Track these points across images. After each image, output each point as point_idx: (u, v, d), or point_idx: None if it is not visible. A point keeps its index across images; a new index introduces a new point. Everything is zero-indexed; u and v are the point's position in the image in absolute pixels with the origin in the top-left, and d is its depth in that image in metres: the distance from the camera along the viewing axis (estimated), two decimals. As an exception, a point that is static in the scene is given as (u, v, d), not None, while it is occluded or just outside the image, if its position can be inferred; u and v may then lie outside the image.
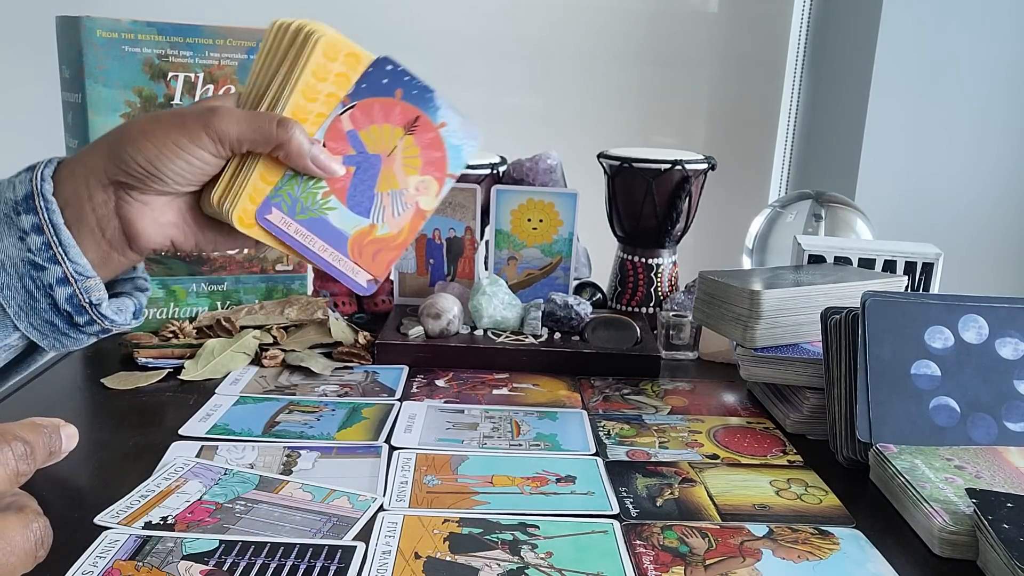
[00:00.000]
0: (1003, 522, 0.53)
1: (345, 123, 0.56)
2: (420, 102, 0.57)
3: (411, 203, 0.58)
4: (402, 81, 0.56)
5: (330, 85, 0.55)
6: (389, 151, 0.56)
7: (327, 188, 0.56)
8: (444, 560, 0.53)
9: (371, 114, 0.56)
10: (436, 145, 0.57)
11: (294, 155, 0.54)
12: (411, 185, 0.57)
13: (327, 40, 0.55)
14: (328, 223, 0.56)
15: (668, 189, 1.01)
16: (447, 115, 0.57)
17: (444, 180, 0.58)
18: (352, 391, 0.80)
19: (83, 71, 0.83)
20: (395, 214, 0.57)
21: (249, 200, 0.55)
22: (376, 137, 0.56)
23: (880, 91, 1.47)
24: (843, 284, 0.81)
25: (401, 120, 0.56)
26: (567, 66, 1.65)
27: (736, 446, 0.72)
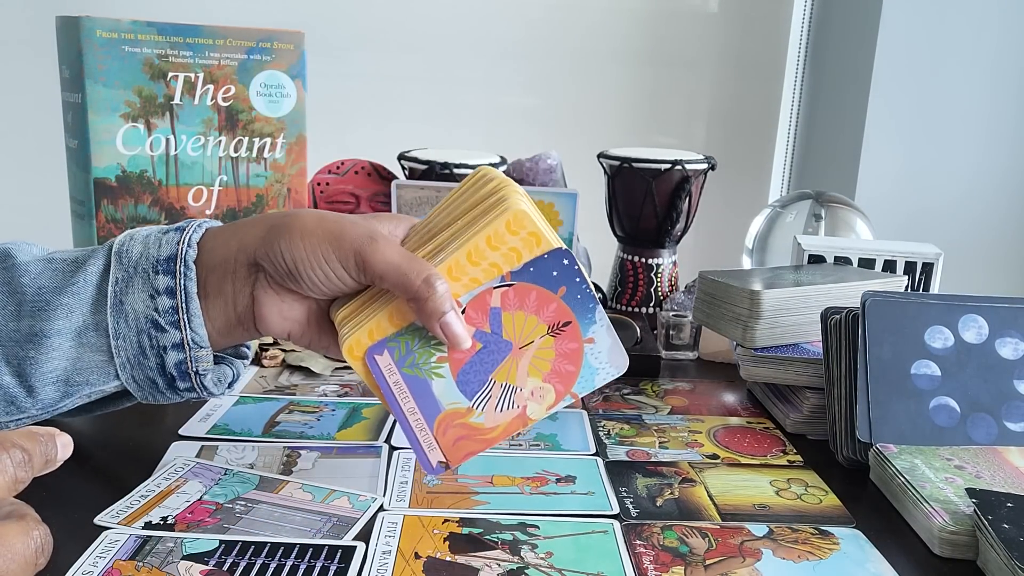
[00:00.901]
0: (1003, 522, 0.53)
1: (495, 299, 0.52)
2: (578, 308, 0.52)
3: (520, 404, 0.54)
4: (571, 281, 0.52)
5: (498, 256, 0.52)
6: (524, 343, 0.53)
7: (445, 354, 0.53)
8: (444, 560, 0.53)
9: (524, 300, 0.52)
10: (574, 359, 0.53)
11: (426, 313, 0.51)
12: (528, 386, 0.53)
13: (515, 213, 0.51)
14: (429, 388, 0.54)
15: (668, 189, 1.01)
16: (599, 333, 0.53)
17: (564, 396, 0.54)
18: (352, 391, 0.80)
19: (83, 71, 0.83)
20: (498, 408, 0.54)
21: (367, 334, 0.53)
22: (518, 324, 0.53)
23: (880, 91, 1.47)
24: (843, 284, 0.81)
25: (551, 318, 0.53)
26: (567, 66, 1.65)
27: (736, 446, 0.72)
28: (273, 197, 0.95)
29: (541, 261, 0.52)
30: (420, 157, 1.02)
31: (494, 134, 1.61)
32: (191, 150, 0.89)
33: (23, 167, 1.46)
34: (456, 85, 1.64)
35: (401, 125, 1.60)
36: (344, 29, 1.55)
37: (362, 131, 1.57)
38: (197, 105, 0.88)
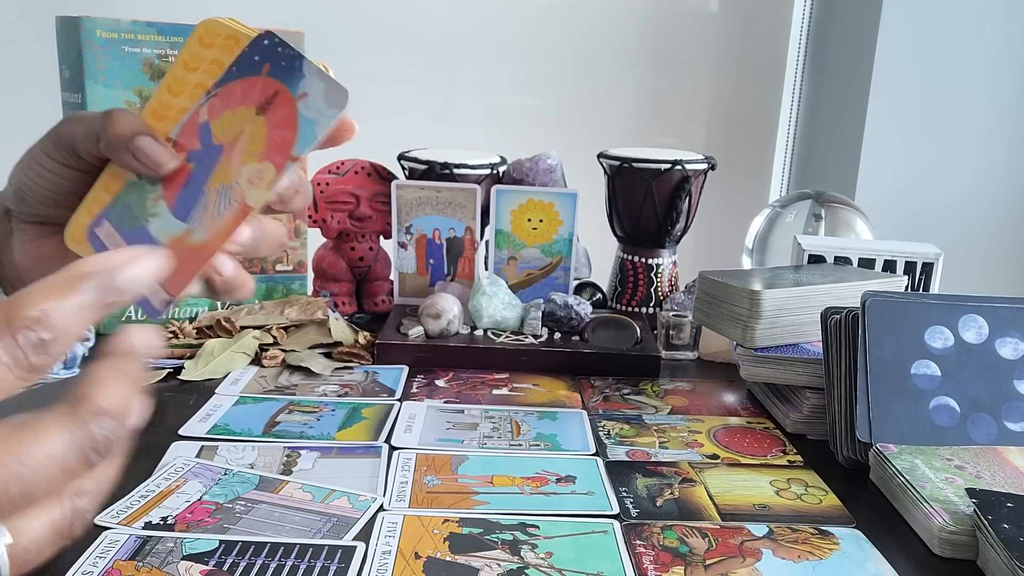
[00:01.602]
0: (1003, 522, 0.53)
1: (202, 115, 0.47)
2: (284, 74, 0.46)
3: (238, 199, 0.47)
4: (273, 54, 0.46)
5: (200, 75, 0.47)
6: (234, 138, 0.47)
7: (160, 193, 0.48)
8: (444, 560, 0.53)
9: (230, 99, 0.47)
10: (288, 123, 0.47)
11: (112, 146, 0.46)
12: (244, 176, 0.47)
13: (205, 26, 0.47)
14: (147, 232, 0.47)
15: (668, 189, 1.01)
16: (311, 84, 0.46)
17: (284, 165, 0.46)
18: (352, 391, 0.80)
19: (83, 71, 0.83)
20: (216, 215, 0.47)
21: (86, 213, 0.48)
22: (228, 125, 0.47)
23: (880, 91, 1.47)
24: (843, 284, 0.81)
25: (258, 99, 0.47)
26: (567, 66, 1.65)
27: (736, 446, 0.72)
28: (273, 197, 0.94)
29: (243, 56, 0.47)
30: (420, 157, 1.02)
31: (494, 134, 1.61)
32: (191, 150, 0.88)
33: (23, 167, 1.46)
34: (456, 85, 1.64)
35: (401, 125, 1.60)
36: (344, 29, 1.55)
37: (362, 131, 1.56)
38: (197, 105, 0.88)
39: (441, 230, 1.00)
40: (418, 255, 1.01)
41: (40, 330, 0.31)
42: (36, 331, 0.31)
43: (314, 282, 1.03)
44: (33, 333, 0.31)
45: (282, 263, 0.98)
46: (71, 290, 0.33)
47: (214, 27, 0.47)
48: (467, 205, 0.99)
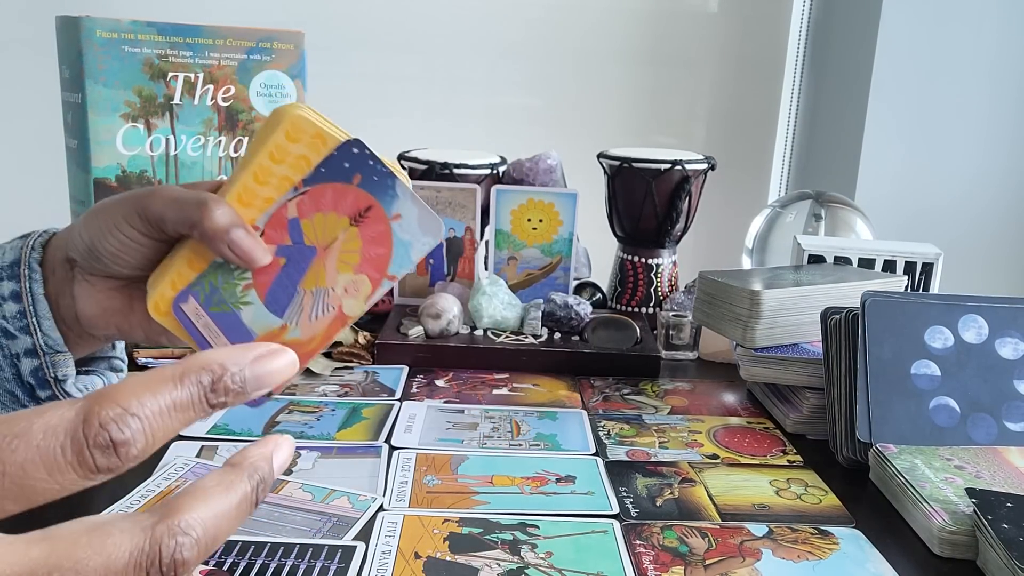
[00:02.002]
0: (1003, 522, 0.53)
1: (291, 210, 0.48)
2: (376, 190, 0.48)
3: (334, 305, 0.49)
4: (364, 165, 0.48)
5: (286, 168, 0.48)
6: (328, 244, 0.49)
7: (249, 280, 0.49)
8: (444, 560, 0.53)
9: (320, 202, 0.48)
10: (383, 240, 0.49)
11: (208, 236, 0.47)
12: (340, 284, 0.49)
13: (293, 119, 0.48)
14: (239, 320, 0.49)
15: (668, 189, 1.01)
16: (404, 206, 0.48)
17: (380, 282, 0.49)
18: (352, 391, 0.80)
19: (83, 71, 0.83)
20: (312, 317, 0.49)
21: (170, 286, 0.49)
22: (319, 227, 0.49)
23: (880, 91, 1.47)
24: (843, 284, 0.81)
25: (351, 209, 0.48)
26: (567, 66, 1.65)
27: (736, 446, 0.72)
28: (273, 197, 0.95)
29: (331, 159, 0.48)
30: (420, 157, 1.02)
31: (494, 134, 1.61)
32: (191, 150, 0.89)
33: (23, 167, 1.46)
34: (456, 85, 1.64)
35: (401, 125, 1.60)
36: (344, 29, 1.55)
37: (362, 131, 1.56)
38: (197, 105, 0.88)
39: (441, 230, 1.00)
40: (418, 255, 1.01)
41: (114, 430, 0.28)
42: (109, 430, 0.28)
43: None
44: (106, 433, 0.28)
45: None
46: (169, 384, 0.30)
47: (301, 123, 0.48)
48: (467, 205, 0.99)
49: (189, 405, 0.30)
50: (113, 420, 0.28)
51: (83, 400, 0.29)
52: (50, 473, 0.28)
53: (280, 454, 0.34)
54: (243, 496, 0.32)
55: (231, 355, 0.32)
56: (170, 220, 0.49)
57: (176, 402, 0.30)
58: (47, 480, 0.28)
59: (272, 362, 0.33)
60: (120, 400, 0.29)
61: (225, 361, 0.31)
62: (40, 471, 0.28)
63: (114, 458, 0.28)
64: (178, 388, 0.30)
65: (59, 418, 0.28)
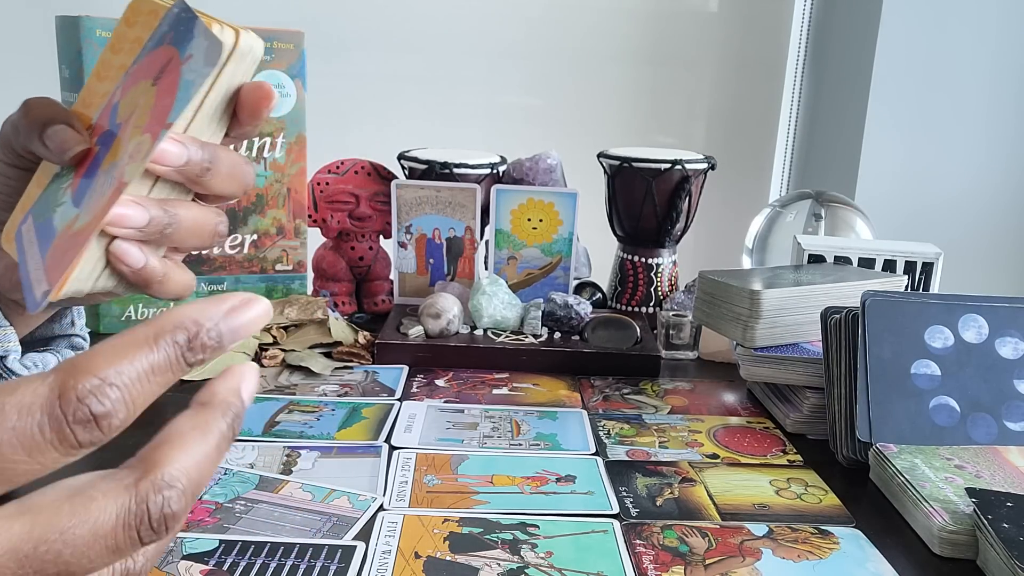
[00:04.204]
0: (1003, 521, 0.53)
1: (116, 96, 0.43)
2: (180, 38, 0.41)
3: (117, 176, 0.41)
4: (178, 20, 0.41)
5: (124, 56, 0.43)
6: (130, 114, 0.42)
7: (71, 180, 0.44)
8: (444, 560, 0.53)
9: (138, 75, 0.42)
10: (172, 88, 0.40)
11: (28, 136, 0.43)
12: (127, 152, 0.41)
13: (131, 5, 0.43)
14: (51, 222, 0.43)
15: (668, 189, 1.01)
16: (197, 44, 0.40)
17: (159, 134, 0.40)
18: (352, 391, 0.80)
19: (83, 71, 0.83)
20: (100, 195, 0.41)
21: (20, 210, 0.45)
22: (130, 101, 0.42)
23: (880, 91, 1.47)
24: (843, 284, 0.81)
25: (156, 69, 0.41)
26: (567, 66, 1.65)
27: (736, 446, 0.72)
28: (273, 197, 0.95)
29: (156, 30, 0.42)
30: (420, 157, 1.02)
31: (494, 134, 1.61)
32: (191, 150, 0.88)
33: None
34: (456, 85, 1.64)
35: (401, 125, 1.60)
36: (344, 29, 1.55)
37: (362, 131, 1.57)
38: (197, 105, 0.88)
39: (441, 230, 1.00)
40: (418, 255, 1.01)
41: (94, 403, 0.27)
42: (89, 404, 0.27)
43: (314, 282, 1.03)
44: (84, 407, 0.27)
45: (282, 263, 0.97)
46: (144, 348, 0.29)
47: (140, 4, 0.43)
48: (467, 205, 0.99)
49: (167, 367, 0.29)
50: (91, 392, 0.27)
51: (55, 373, 0.27)
52: (30, 454, 0.26)
53: (248, 384, 0.33)
54: (220, 436, 0.31)
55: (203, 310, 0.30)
56: (11, 135, 0.45)
57: (154, 365, 0.29)
58: (27, 461, 0.26)
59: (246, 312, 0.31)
60: (96, 370, 0.27)
61: (198, 317, 0.29)
62: (19, 453, 0.26)
63: (96, 431, 0.27)
64: (154, 351, 0.29)
65: (32, 395, 0.27)
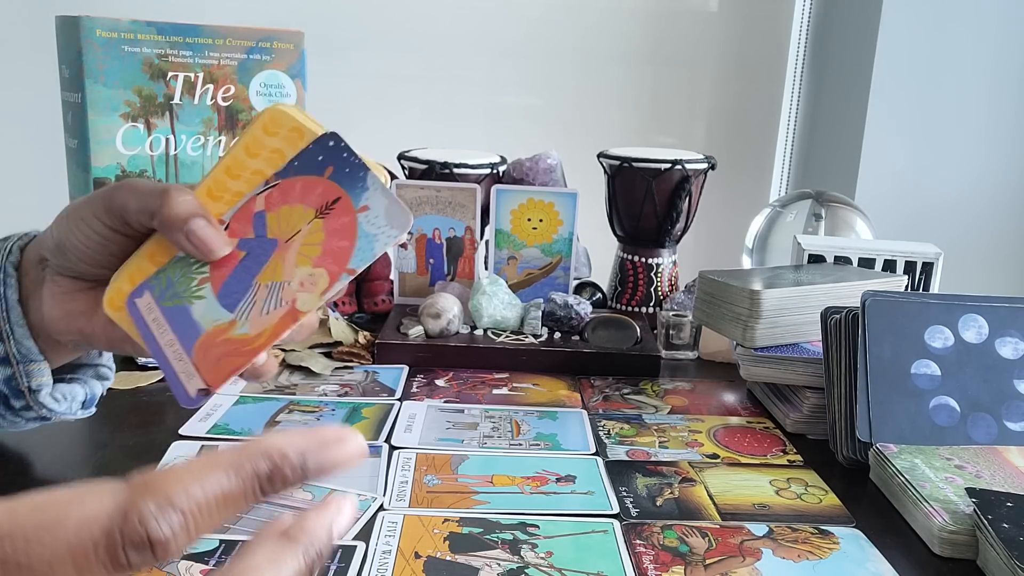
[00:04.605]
0: (1003, 522, 0.53)
1: (258, 204, 0.46)
2: (347, 181, 0.45)
3: (288, 300, 0.46)
4: (338, 158, 0.45)
5: (260, 162, 0.46)
6: (290, 236, 0.46)
7: (207, 274, 0.47)
8: (444, 560, 0.53)
9: (289, 195, 0.46)
10: (347, 232, 0.45)
11: (167, 224, 0.45)
12: (297, 278, 0.46)
13: (271, 113, 0.46)
14: (189, 314, 0.46)
15: (668, 189, 1.01)
16: (374, 198, 0.45)
17: (339, 275, 0.45)
18: (352, 391, 0.80)
19: (83, 71, 0.83)
20: (264, 311, 0.46)
21: (128, 281, 0.47)
22: (284, 220, 0.46)
23: (880, 91, 1.47)
24: (843, 284, 0.81)
25: (318, 201, 0.46)
26: (567, 66, 1.65)
27: (736, 446, 0.72)
28: (273, 197, 0.94)
29: (305, 152, 0.46)
30: (420, 157, 1.02)
31: (494, 134, 1.61)
32: (191, 150, 0.89)
33: (23, 167, 1.46)
34: (456, 85, 1.64)
35: (401, 125, 1.60)
36: (344, 29, 1.55)
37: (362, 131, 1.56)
38: (197, 105, 0.88)
39: (441, 230, 1.00)
40: (418, 255, 1.01)
41: (152, 527, 0.26)
42: (148, 527, 0.26)
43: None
44: (143, 529, 0.25)
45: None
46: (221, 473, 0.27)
47: (280, 116, 0.46)
48: (467, 205, 0.99)
49: (241, 496, 0.28)
50: (153, 516, 0.26)
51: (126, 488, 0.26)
52: (79, 571, 0.26)
53: (342, 519, 0.32)
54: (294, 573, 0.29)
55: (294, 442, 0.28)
56: (132, 210, 0.47)
57: (227, 493, 0.27)
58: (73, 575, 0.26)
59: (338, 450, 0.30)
60: (166, 490, 0.26)
61: (287, 449, 0.28)
62: (68, 568, 0.25)
63: (149, 556, 0.26)
64: (231, 477, 0.27)
65: (97, 509, 0.26)
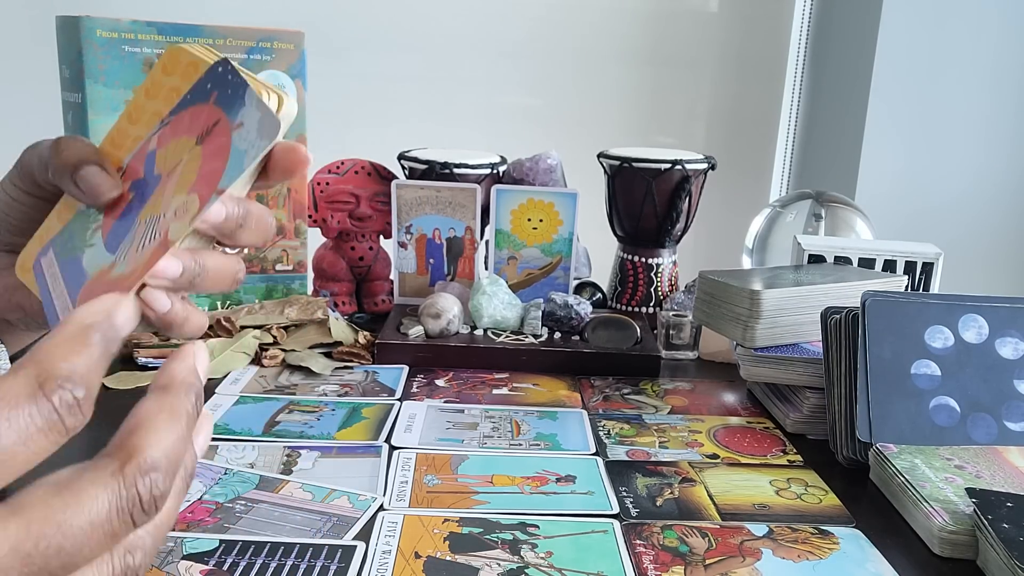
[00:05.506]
0: (1003, 522, 0.53)
1: (152, 143, 0.45)
2: (228, 102, 0.43)
3: (161, 231, 0.43)
4: (223, 80, 0.43)
5: (159, 102, 0.45)
6: (171, 168, 0.44)
7: (100, 222, 0.45)
8: (444, 560, 0.53)
9: (178, 128, 0.44)
10: (221, 153, 0.43)
11: (57, 172, 0.44)
12: (171, 208, 0.43)
13: (169, 52, 0.45)
14: (79, 263, 0.45)
15: (668, 189, 1.01)
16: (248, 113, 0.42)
17: (209, 197, 0.42)
18: (352, 391, 0.80)
19: (83, 71, 0.83)
20: (140, 247, 0.43)
21: (37, 242, 0.46)
22: (171, 154, 0.44)
23: (880, 91, 1.47)
24: (843, 284, 0.81)
25: (200, 128, 0.43)
26: (567, 66, 1.65)
27: (736, 446, 0.72)
28: (273, 196, 0.95)
29: (197, 84, 0.44)
30: (420, 157, 1.02)
31: (494, 134, 1.61)
32: (191, 150, 0.89)
33: (23, 167, 1.46)
34: (456, 85, 1.64)
35: (401, 125, 1.60)
36: (344, 29, 1.55)
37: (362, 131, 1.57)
38: (197, 105, 0.88)
39: (441, 230, 1.00)
40: (418, 255, 1.01)
41: (74, 388, 0.29)
42: (69, 389, 0.28)
43: (314, 282, 1.03)
44: (67, 393, 0.28)
45: (282, 263, 0.98)
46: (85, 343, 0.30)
47: (178, 54, 0.45)
48: (467, 205, 0.99)
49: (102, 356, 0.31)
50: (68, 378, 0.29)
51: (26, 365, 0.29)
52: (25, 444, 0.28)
53: (201, 362, 0.35)
54: (187, 415, 0.32)
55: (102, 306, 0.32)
56: (35, 166, 0.46)
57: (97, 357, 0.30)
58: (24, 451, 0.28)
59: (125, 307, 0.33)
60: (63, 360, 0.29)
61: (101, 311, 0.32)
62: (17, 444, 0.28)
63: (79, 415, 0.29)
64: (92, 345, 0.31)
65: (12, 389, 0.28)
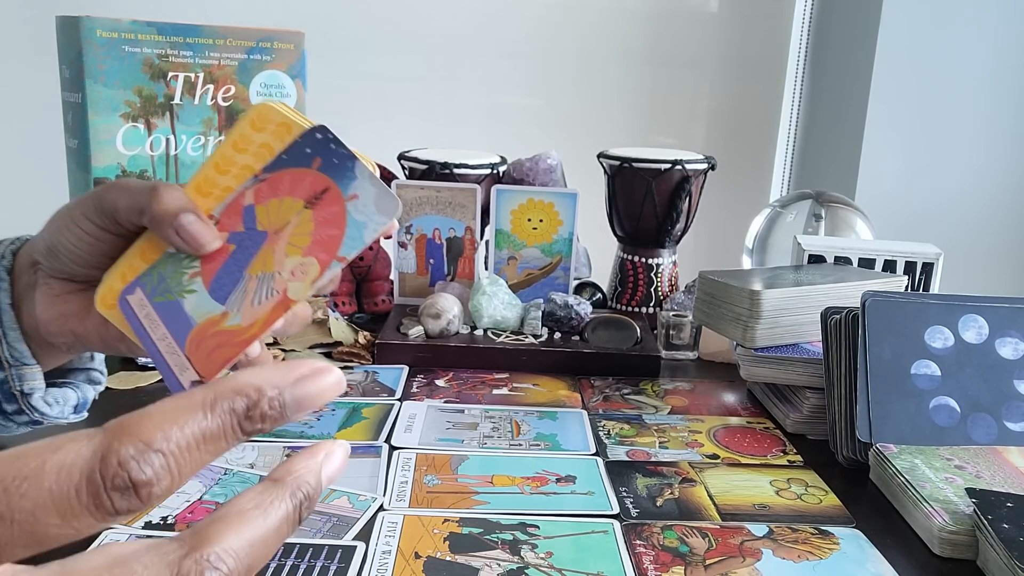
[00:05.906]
0: (1003, 522, 0.53)
1: (247, 198, 0.47)
2: (335, 172, 0.46)
3: (279, 289, 0.47)
4: (326, 149, 0.46)
5: (248, 157, 0.47)
6: (279, 228, 0.47)
7: (198, 269, 0.48)
8: (444, 560, 0.53)
9: (278, 187, 0.47)
10: (336, 221, 0.46)
11: (156, 220, 0.46)
12: (287, 268, 0.47)
13: (259, 109, 0.47)
14: (181, 308, 0.47)
15: (668, 189, 1.01)
16: (362, 187, 0.46)
17: (329, 263, 0.46)
18: (352, 391, 0.80)
19: (83, 71, 0.83)
20: (255, 302, 0.47)
21: (119, 278, 0.48)
22: (273, 212, 0.47)
23: (880, 91, 1.47)
24: (843, 284, 0.81)
25: (307, 192, 0.46)
26: (567, 66, 1.65)
27: (736, 446, 0.72)
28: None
29: (294, 146, 0.47)
30: (420, 157, 1.02)
31: (494, 134, 1.61)
32: (191, 150, 0.89)
33: (23, 167, 1.46)
34: (456, 85, 1.64)
35: (401, 125, 1.60)
36: (344, 29, 1.55)
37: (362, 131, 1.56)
38: (197, 105, 0.88)
39: (441, 230, 1.00)
40: (418, 255, 1.01)
41: (135, 469, 0.25)
42: (129, 471, 0.25)
43: (314, 282, 1.03)
44: (124, 473, 0.25)
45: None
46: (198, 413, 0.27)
47: (267, 112, 0.47)
48: (467, 205, 0.99)
49: (220, 435, 0.27)
50: (133, 458, 0.25)
51: (102, 433, 0.26)
52: (63, 518, 0.25)
53: (331, 464, 0.31)
54: (283, 518, 0.29)
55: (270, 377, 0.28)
56: (122, 208, 0.47)
57: (205, 433, 0.26)
58: (60, 525, 0.26)
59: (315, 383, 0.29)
60: (142, 434, 0.26)
61: (261, 384, 0.27)
62: (52, 516, 0.25)
63: (134, 499, 0.25)
64: (208, 417, 0.27)
65: (75, 455, 0.25)
